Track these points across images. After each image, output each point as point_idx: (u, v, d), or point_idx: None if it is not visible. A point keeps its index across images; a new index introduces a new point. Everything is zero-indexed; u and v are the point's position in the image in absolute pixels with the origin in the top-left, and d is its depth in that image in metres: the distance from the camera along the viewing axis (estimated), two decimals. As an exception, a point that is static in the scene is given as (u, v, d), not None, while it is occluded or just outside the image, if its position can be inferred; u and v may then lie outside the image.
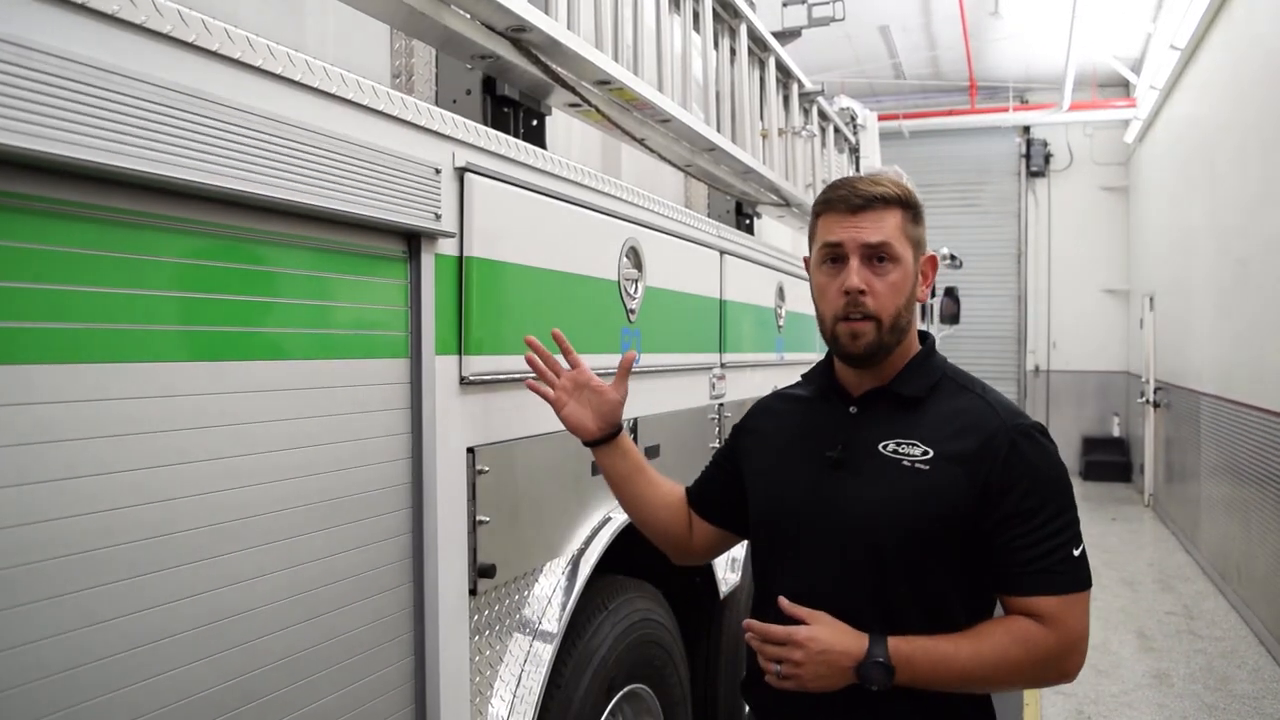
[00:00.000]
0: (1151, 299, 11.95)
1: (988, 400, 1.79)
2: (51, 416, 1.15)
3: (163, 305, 1.30)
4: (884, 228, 1.73)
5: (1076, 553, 1.68)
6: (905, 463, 1.72)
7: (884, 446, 1.75)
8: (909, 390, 1.79)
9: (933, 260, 1.85)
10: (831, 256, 1.76)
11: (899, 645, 1.64)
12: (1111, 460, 14.12)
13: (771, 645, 1.67)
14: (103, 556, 1.21)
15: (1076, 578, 1.68)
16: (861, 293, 1.71)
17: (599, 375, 2.08)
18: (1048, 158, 15.07)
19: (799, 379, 2.03)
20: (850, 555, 1.73)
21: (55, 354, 1.15)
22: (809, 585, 1.75)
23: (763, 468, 1.93)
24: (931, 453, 1.71)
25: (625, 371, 2.04)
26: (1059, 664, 1.68)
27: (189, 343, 1.34)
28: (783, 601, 1.71)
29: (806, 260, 1.89)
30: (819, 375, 1.93)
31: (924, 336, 1.89)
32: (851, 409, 1.82)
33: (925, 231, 1.83)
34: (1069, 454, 14.66)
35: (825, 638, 1.65)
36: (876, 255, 1.73)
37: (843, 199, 1.76)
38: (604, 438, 2.03)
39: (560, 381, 2.02)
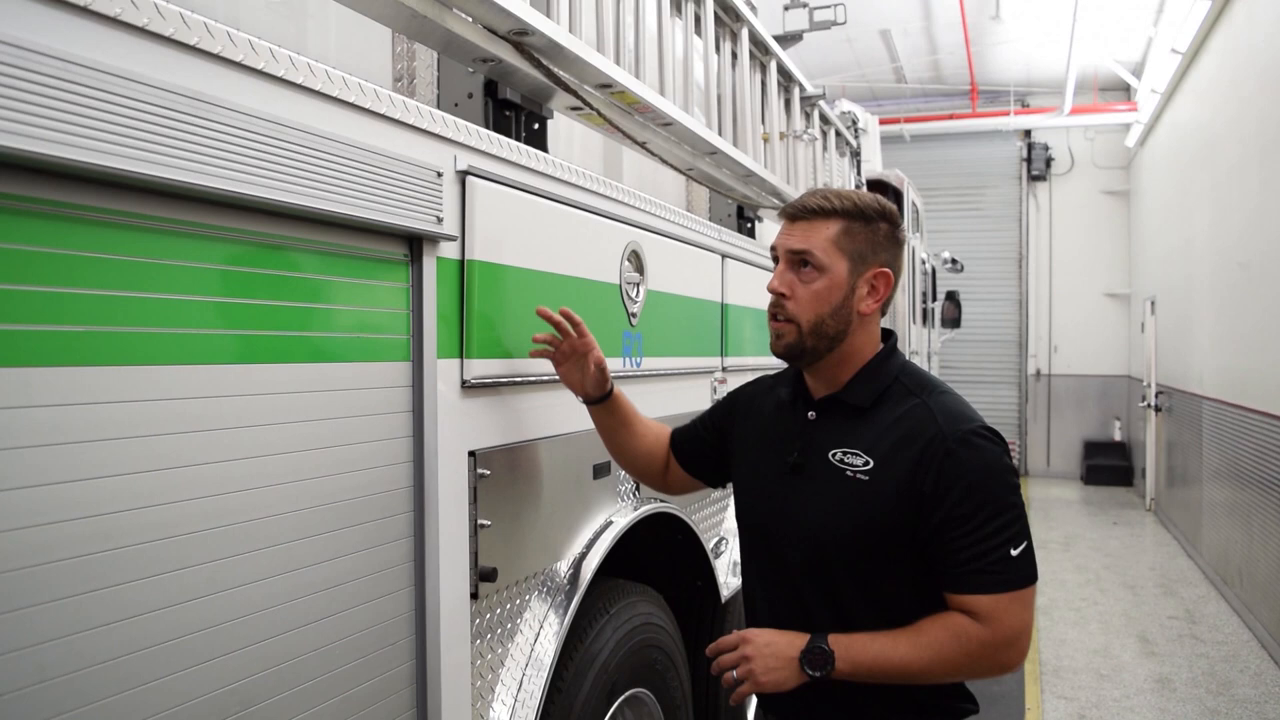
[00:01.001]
0: (1153, 303, 11.95)
1: (930, 407, 1.82)
2: (53, 419, 1.14)
3: (163, 308, 1.30)
4: (811, 238, 1.83)
5: (1015, 552, 1.73)
6: (849, 472, 1.81)
7: (833, 455, 1.84)
8: (854, 400, 1.86)
9: (884, 275, 1.87)
10: (774, 259, 1.92)
11: (839, 636, 1.76)
12: (1113, 464, 14.12)
13: (723, 656, 1.83)
14: (102, 560, 1.20)
15: (1011, 576, 1.72)
16: (782, 295, 1.85)
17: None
18: (1049, 161, 15.08)
19: (779, 374, 2.14)
20: (804, 559, 1.85)
21: (55, 357, 1.15)
22: (773, 586, 1.92)
23: (742, 467, 2.07)
24: (872, 463, 1.79)
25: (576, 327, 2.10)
26: (995, 657, 1.74)
27: (189, 346, 1.34)
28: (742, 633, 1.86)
29: None
30: (793, 378, 2.01)
31: (887, 337, 1.96)
32: (810, 414, 1.92)
33: (885, 251, 1.87)
34: (1070, 458, 14.69)
35: (770, 635, 1.81)
36: (801, 261, 1.84)
37: (787, 209, 1.90)
38: (597, 399, 2.17)
39: (563, 345, 2.10)
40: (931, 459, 1.74)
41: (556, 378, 2.21)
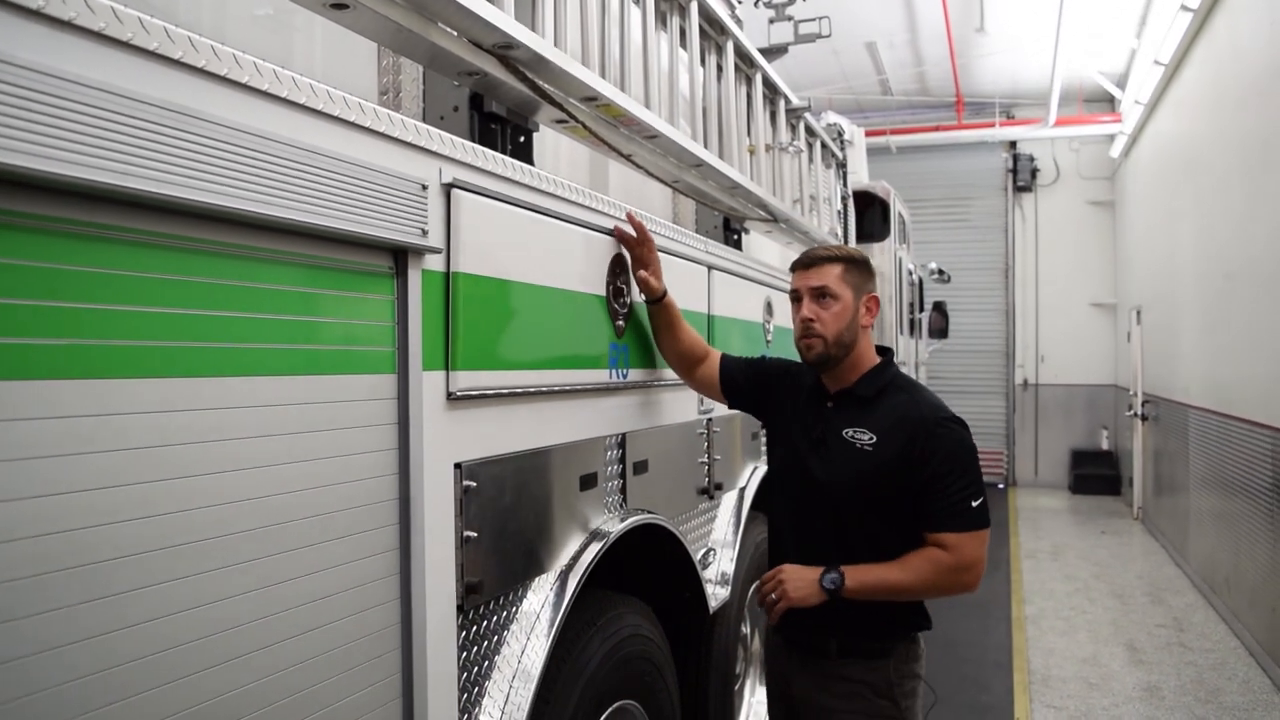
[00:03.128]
0: (1138, 312, 12.02)
1: (916, 400, 2.58)
2: (35, 433, 1.14)
3: (147, 321, 1.30)
4: (826, 277, 2.59)
5: (975, 504, 2.47)
6: (858, 445, 2.54)
7: (845, 433, 2.57)
8: (862, 391, 2.61)
9: (874, 298, 2.67)
10: (795, 298, 2.67)
11: (848, 566, 2.48)
12: (1100, 474, 14.16)
13: (764, 585, 2.59)
14: (87, 573, 1.20)
15: (971, 520, 2.46)
16: (811, 320, 2.58)
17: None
18: (1034, 172, 15.16)
19: (800, 367, 2.79)
20: (823, 509, 2.58)
21: (38, 370, 1.15)
22: (801, 527, 2.64)
23: (781, 428, 2.80)
24: (876, 438, 2.52)
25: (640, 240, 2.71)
26: (959, 577, 2.46)
27: (175, 358, 1.33)
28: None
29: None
30: (811, 376, 2.74)
31: (885, 352, 2.71)
32: (829, 404, 2.66)
33: (870, 281, 2.66)
34: (1058, 468, 14.75)
35: (796, 567, 2.55)
36: (820, 294, 2.59)
37: (802, 259, 2.69)
38: (650, 300, 2.78)
39: (638, 273, 2.72)
40: (919, 436, 2.47)
41: (543, 389, 2.22)
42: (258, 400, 1.48)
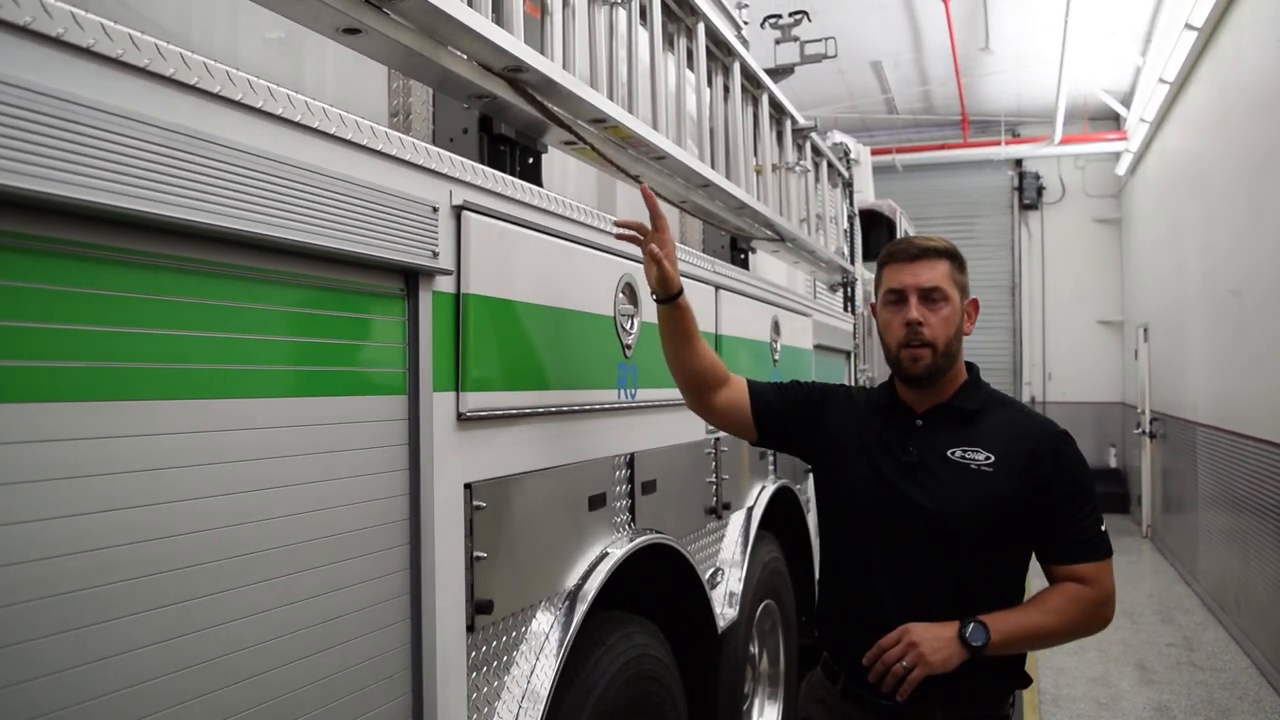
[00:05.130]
0: (1146, 330, 12.00)
1: (1028, 414, 2.34)
2: (50, 455, 1.15)
3: (161, 343, 1.31)
4: (935, 274, 2.21)
5: (1102, 528, 2.19)
6: (973, 466, 2.19)
7: (952, 453, 2.21)
8: (969, 405, 2.27)
9: (975, 303, 2.33)
10: (895, 299, 2.24)
11: (984, 616, 2.10)
12: (1109, 491, 14.07)
13: (888, 652, 2.11)
14: (100, 594, 1.21)
15: (1104, 547, 2.19)
16: (920, 324, 2.19)
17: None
18: (1040, 190, 15.19)
19: (863, 389, 2.51)
20: (930, 540, 2.17)
21: (53, 393, 1.16)
22: (897, 570, 2.21)
23: (842, 457, 2.35)
24: (994, 458, 2.18)
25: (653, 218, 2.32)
26: (1100, 613, 2.18)
27: (188, 380, 1.35)
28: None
29: (873, 306, 2.38)
30: (883, 394, 2.39)
31: (970, 367, 2.36)
32: (918, 422, 2.28)
33: (968, 279, 2.31)
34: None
35: (922, 626, 2.11)
36: (930, 296, 2.20)
37: (903, 250, 2.26)
38: (663, 298, 2.32)
39: (649, 247, 2.27)
40: (1044, 454, 2.18)
41: (552, 409, 2.23)
42: (270, 421, 1.49)
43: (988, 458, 2.19)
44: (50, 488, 1.15)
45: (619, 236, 2.36)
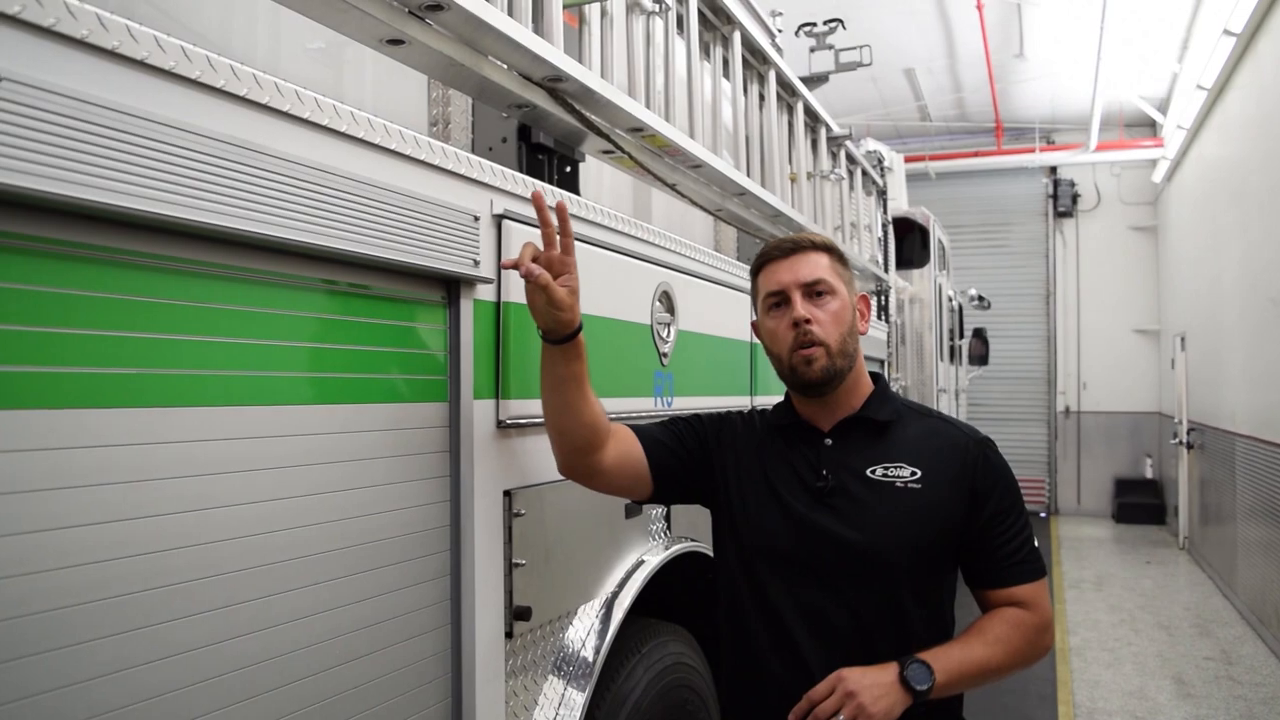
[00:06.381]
0: (1183, 339, 11.87)
1: (949, 422, 2.08)
2: (102, 460, 1.18)
3: (208, 350, 1.33)
4: (817, 267, 1.98)
5: (1035, 544, 1.98)
6: (898, 484, 1.92)
7: (871, 471, 1.94)
8: (881, 415, 2.00)
9: (865, 299, 2.12)
10: (776, 302, 1.99)
11: (924, 653, 1.82)
12: (1145, 503, 13.94)
13: (821, 704, 1.77)
14: (146, 598, 1.23)
15: (1038, 565, 1.96)
16: (808, 321, 1.93)
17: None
18: (1075, 198, 15.06)
19: (755, 412, 2.20)
20: (857, 577, 1.90)
21: (104, 399, 1.19)
22: (820, 614, 1.91)
23: (745, 496, 2.03)
24: (920, 472, 1.93)
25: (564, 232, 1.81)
26: (1042, 640, 1.93)
27: (231, 387, 1.37)
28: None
29: (754, 324, 2.12)
30: (781, 414, 2.10)
31: (876, 377, 2.11)
32: (827, 441, 2.00)
33: (853, 274, 2.09)
34: (1101, 496, 14.55)
35: (856, 670, 1.80)
36: (814, 290, 1.96)
37: (776, 248, 2.02)
38: (561, 337, 1.82)
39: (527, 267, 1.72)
40: (974, 462, 1.94)
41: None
42: (312, 428, 1.51)
43: (914, 473, 1.92)
44: (102, 492, 1.18)
45: (505, 266, 1.85)
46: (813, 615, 1.91)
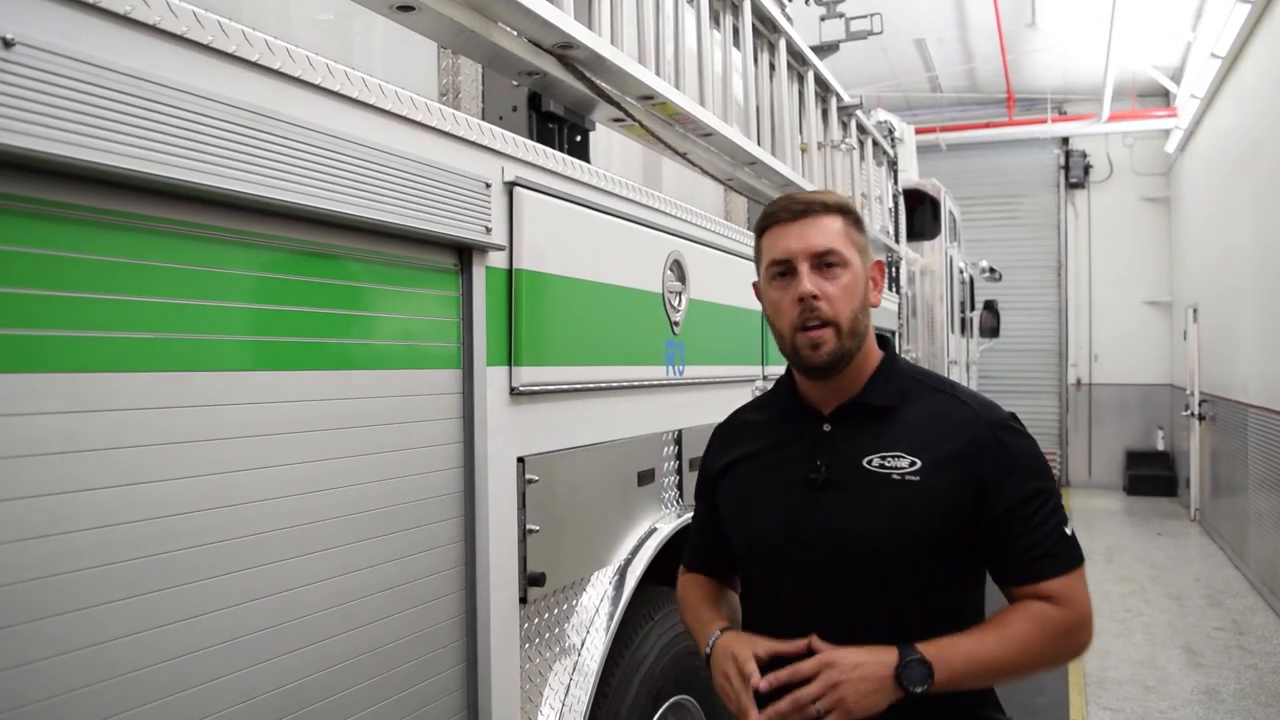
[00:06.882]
0: (1195, 310, 11.81)
1: (961, 398, 1.79)
2: (109, 423, 1.19)
3: (220, 315, 1.34)
4: (828, 234, 1.73)
5: (1069, 531, 1.71)
6: (894, 476, 1.71)
7: (868, 462, 1.73)
8: (881, 400, 1.78)
9: (880, 266, 1.86)
10: (781, 271, 1.76)
11: (926, 646, 1.63)
12: (1156, 474, 13.91)
13: (803, 686, 1.62)
14: (164, 561, 1.25)
15: (1074, 556, 1.70)
16: (815, 298, 1.70)
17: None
18: (1087, 169, 14.94)
19: (753, 400, 2.04)
20: (855, 572, 1.72)
21: (122, 363, 1.20)
22: (816, 609, 1.75)
23: (741, 499, 1.89)
24: (919, 462, 1.71)
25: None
26: (1075, 639, 1.70)
27: (246, 352, 1.38)
28: (814, 641, 1.67)
29: (756, 287, 1.89)
30: (780, 396, 1.91)
31: (884, 343, 1.88)
32: (825, 427, 1.80)
33: (868, 240, 1.83)
34: (1113, 468, 14.51)
35: (854, 654, 1.63)
36: (825, 261, 1.72)
37: (784, 209, 1.77)
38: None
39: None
40: (984, 446, 1.70)
41: (602, 384, 2.24)
42: (326, 394, 1.51)
43: (912, 463, 1.71)
44: (120, 455, 1.19)
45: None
46: (807, 609, 1.76)
